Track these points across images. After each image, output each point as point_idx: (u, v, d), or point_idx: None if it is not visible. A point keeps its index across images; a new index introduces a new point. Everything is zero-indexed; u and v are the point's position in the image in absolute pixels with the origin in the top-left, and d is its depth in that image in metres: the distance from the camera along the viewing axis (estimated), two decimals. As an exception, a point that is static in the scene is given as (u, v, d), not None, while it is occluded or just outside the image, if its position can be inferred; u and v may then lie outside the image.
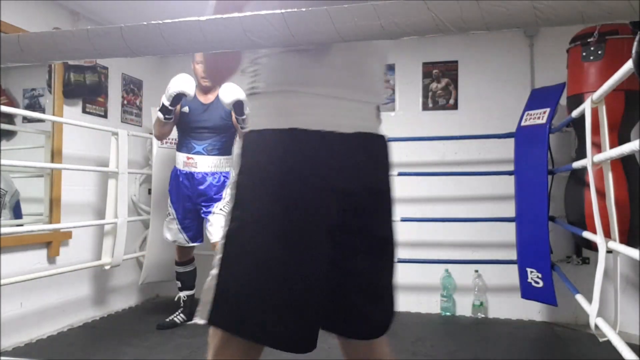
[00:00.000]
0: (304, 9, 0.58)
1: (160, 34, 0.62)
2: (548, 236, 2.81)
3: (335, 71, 0.99)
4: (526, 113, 3.10)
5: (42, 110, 3.09)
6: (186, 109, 3.01)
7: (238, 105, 2.76)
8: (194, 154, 3.00)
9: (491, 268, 3.41)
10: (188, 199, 3.04)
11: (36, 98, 3.15)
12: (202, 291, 0.97)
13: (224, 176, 3.04)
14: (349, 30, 0.56)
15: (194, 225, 3.12)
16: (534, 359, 2.69)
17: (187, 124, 3.02)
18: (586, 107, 2.11)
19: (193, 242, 3.15)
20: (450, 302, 3.49)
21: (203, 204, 3.02)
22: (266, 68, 1.00)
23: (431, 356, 2.62)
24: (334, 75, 0.99)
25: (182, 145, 3.05)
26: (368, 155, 1.02)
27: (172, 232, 3.12)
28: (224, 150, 3.04)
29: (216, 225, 2.92)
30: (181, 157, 3.03)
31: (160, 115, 2.85)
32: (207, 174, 3.00)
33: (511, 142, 3.16)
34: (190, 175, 3.01)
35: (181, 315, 3.15)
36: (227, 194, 2.94)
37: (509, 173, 3.19)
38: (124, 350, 2.66)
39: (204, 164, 3.00)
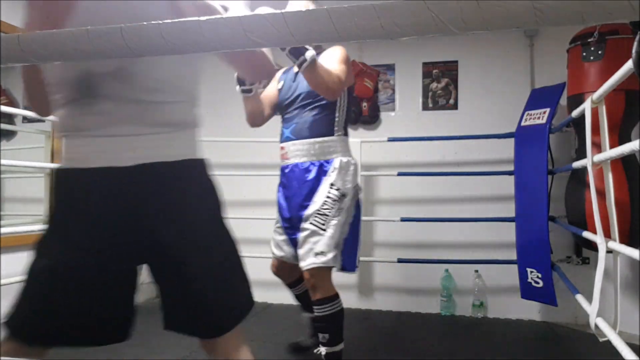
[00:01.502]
0: (294, 9, 0.58)
1: (160, 34, 0.62)
2: (548, 236, 2.81)
3: (106, 114, 1.09)
4: (526, 113, 3.10)
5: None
6: (281, 83, 2.33)
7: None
8: (283, 141, 2.25)
9: (491, 268, 3.41)
10: (286, 200, 2.29)
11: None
12: None
13: (318, 167, 2.16)
14: (349, 30, 0.56)
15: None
16: (534, 359, 2.69)
17: (280, 103, 2.30)
18: (586, 107, 2.11)
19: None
20: (450, 302, 3.49)
21: (296, 208, 2.23)
22: (57, 117, 1.17)
23: (431, 356, 2.62)
24: (105, 118, 1.08)
25: (280, 134, 2.32)
26: (151, 185, 1.09)
27: (276, 244, 2.36)
28: (319, 129, 2.16)
29: (306, 246, 2.10)
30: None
31: (237, 89, 2.22)
32: (297, 165, 2.20)
33: (511, 142, 3.16)
34: (283, 171, 2.29)
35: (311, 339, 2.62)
36: (324, 195, 2.11)
37: (509, 173, 3.19)
38: (124, 351, 2.66)
39: (293, 152, 2.20)
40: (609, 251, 1.95)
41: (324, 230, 2.08)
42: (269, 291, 3.80)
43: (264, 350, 2.70)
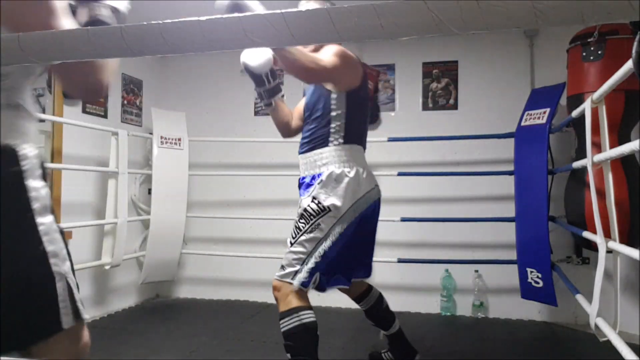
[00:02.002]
0: (303, 9, 0.58)
1: (160, 34, 0.62)
2: (548, 236, 2.81)
3: None
4: (526, 113, 3.10)
5: (42, 110, 3.09)
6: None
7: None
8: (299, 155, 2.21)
9: (491, 268, 3.41)
10: None
11: (36, 98, 3.15)
12: None
13: (310, 180, 2.06)
14: (349, 30, 0.56)
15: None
16: (534, 359, 2.69)
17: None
18: (586, 107, 2.11)
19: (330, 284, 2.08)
20: (450, 302, 3.49)
21: None
22: None
23: (431, 356, 2.62)
24: None
25: None
26: None
27: None
28: (313, 142, 2.07)
29: (284, 259, 2.00)
30: None
31: (260, 103, 2.24)
32: (301, 180, 2.14)
33: (511, 142, 3.16)
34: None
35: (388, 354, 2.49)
36: (302, 208, 2.00)
37: (509, 173, 3.19)
38: (124, 350, 2.66)
39: (301, 166, 2.14)
40: (609, 251, 1.95)
41: (291, 244, 1.95)
42: (269, 291, 3.80)
43: (264, 350, 2.70)
